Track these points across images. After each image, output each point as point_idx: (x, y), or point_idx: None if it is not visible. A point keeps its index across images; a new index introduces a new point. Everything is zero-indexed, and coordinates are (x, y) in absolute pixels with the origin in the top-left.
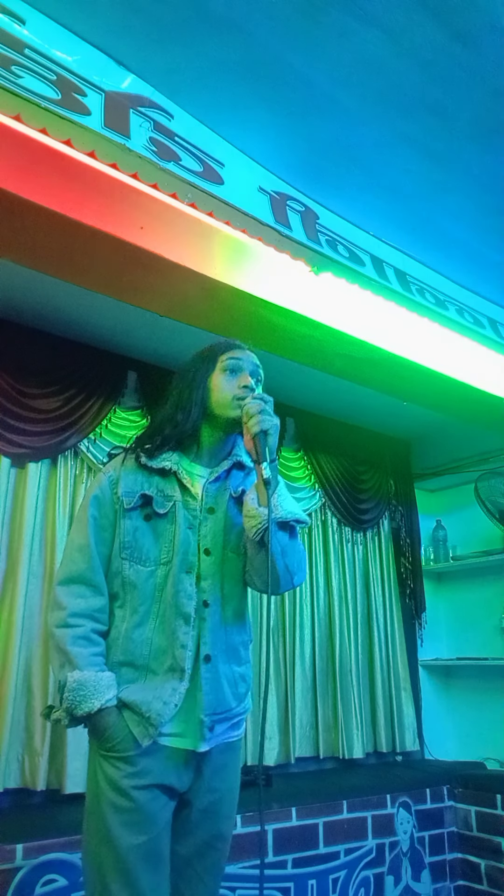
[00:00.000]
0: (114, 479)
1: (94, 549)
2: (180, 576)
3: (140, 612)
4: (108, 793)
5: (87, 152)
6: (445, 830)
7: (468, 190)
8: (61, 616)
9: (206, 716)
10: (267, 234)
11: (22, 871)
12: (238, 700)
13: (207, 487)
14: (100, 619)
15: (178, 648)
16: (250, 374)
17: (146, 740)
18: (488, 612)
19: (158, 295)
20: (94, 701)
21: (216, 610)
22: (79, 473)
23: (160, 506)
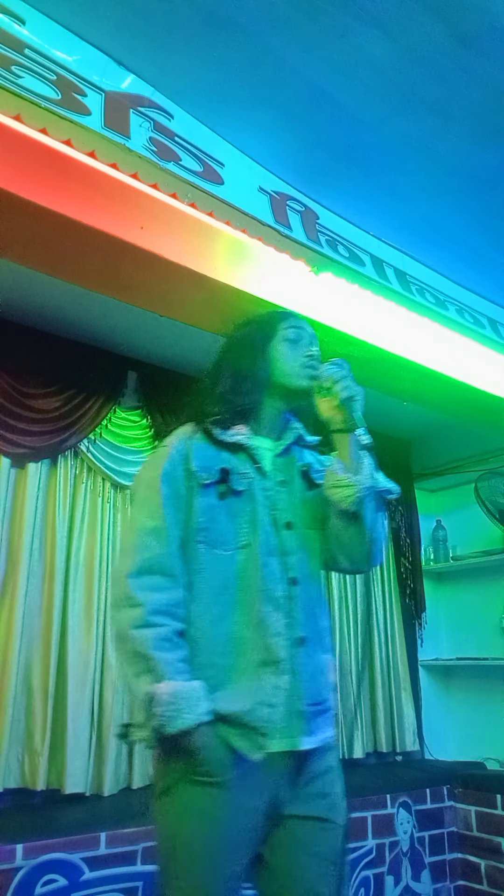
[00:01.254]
0: (183, 453)
1: (172, 532)
2: (265, 559)
3: (221, 602)
4: (197, 828)
5: (87, 152)
6: (445, 830)
7: (468, 190)
8: (139, 615)
9: (307, 706)
10: (267, 234)
11: (22, 871)
12: (330, 691)
13: (275, 461)
14: (180, 616)
15: (270, 637)
16: (310, 342)
17: (257, 753)
18: (488, 612)
19: (158, 295)
20: (189, 716)
21: (305, 588)
22: (79, 473)
23: (237, 482)
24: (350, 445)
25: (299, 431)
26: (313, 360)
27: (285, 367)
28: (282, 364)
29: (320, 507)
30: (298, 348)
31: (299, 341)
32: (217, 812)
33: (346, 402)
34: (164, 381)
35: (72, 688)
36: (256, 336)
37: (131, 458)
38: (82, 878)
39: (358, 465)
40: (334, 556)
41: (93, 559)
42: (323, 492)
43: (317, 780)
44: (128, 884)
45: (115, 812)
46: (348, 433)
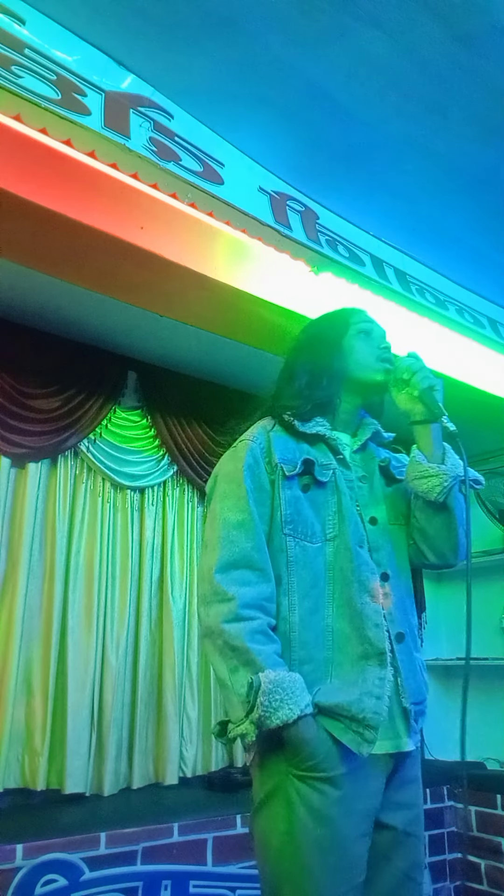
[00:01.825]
0: (264, 447)
1: (258, 525)
2: (356, 549)
3: (312, 595)
4: (309, 825)
5: (87, 152)
6: (445, 830)
7: (468, 190)
8: (231, 609)
9: (410, 704)
10: (267, 234)
11: (22, 871)
12: (426, 690)
13: (353, 457)
14: (270, 611)
15: (370, 629)
16: (381, 336)
17: (366, 748)
18: (488, 612)
19: (159, 295)
20: (293, 706)
21: (396, 583)
22: (79, 473)
23: (320, 473)
24: (433, 435)
25: (376, 427)
26: (387, 353)
27: (360, 361)
28: (357, 358)
29: (402, 503)
30: (372, 342)
31: (372, 334)
32: (330, 810)
33: (427, 392)
34: (164, 381)
35: (72, 688)
36: (330, 331)
37: (131, 458)
38: (82, 878)
39: (443, 455)
40: (421, 550)
41: (93, 559)
42: (404, 486)
43: (405, 788)
44: (128, 884)
45: (115, 812)
46: (431, 423)
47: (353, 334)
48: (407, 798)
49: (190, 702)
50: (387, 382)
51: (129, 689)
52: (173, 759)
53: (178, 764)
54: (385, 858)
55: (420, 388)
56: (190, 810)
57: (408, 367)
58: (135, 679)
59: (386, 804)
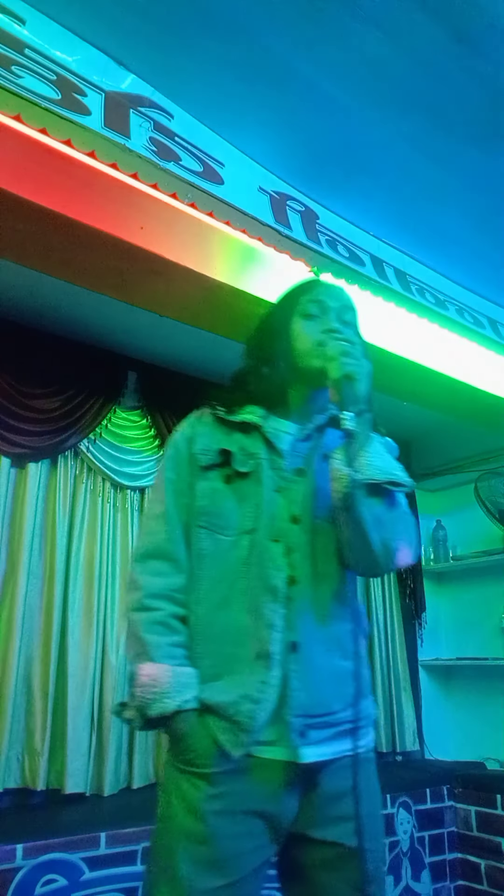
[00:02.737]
0: (188, 437)
1: (174, 517)
2: (266, 544)
3: (221, 590)
4: (182, 818)
5: (87, 152)
6: (445, 830)
7: (468, 190)
8: (137, 598)
9: (294, 717)
10: (267, 234)
11: (22, 871)
12: (343, 703)
13: (297, 446)
14: (180, 601)
15: (263, 629)
16: (337, 314)
17: (238, 750)
18: (488, 612)
19: (158, 295)
20: (168, 701)
21: (306, 589)
22: (79, 473)
23: (242, 464)
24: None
25: (333, 413)
26: (330, 335)
27: (300, 346)
28: (298, 343)
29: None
30: (317, 324)
31: (321, 316)
32: (202, 805)
33: (340, 382)
34: (164, 381)
35: (72, 688)
36: (278, 314)
37: (131, 458)
38: (82, 878)
39: (353, 454)
40: (345, 554)
41: (93, 559)
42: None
43: (337, 801)
44: (128, 884)
45: (115, 812)
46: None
47: (298, 318)
48: (341, 811)
49: None
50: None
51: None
52: None
53: None
54: (330, 876)
55: (333, 378)
56: None
57: (326, 353)
58: None
59: (315, 819)
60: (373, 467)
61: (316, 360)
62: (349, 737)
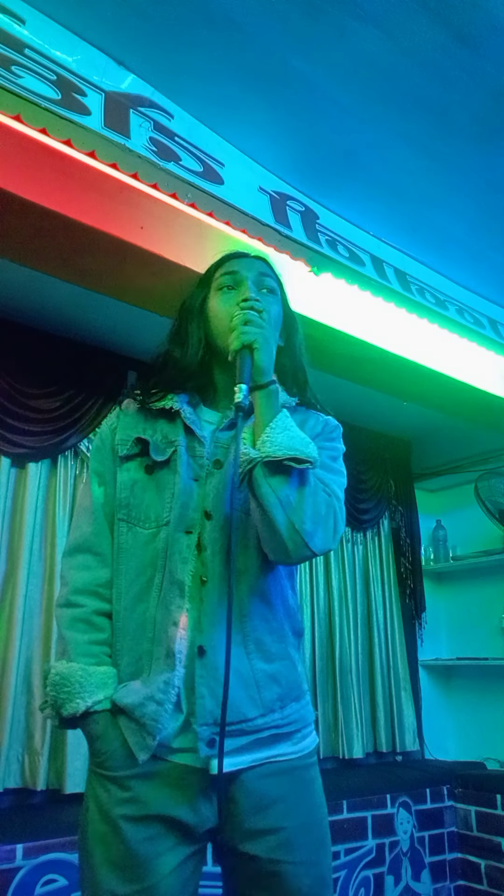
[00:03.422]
0: (113, 427)
1: (99, 510)
2: (176, 535)
3: (139, 584)
4: (96, 822)
5: (87, 152)
6: (445, 830)
7: (468, 190)
8: (63, 594)
9: (199, 726)
10: (267, 234)
11: (22, 871)
12: (262, 708)
13: (217, 436)
14: (104, 596)
15: (169, 626)
16: (253, 284)
17: (143, 753)
18: (488, 612)
19: (158, 295)
20: (79, 701)
21: (215, 588)
22: (79, 473)
23: (158, 452)
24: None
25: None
26: (244, 305)
27: (218, 325)
28: (214, 322)
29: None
30: (232, 298)
31: (236, 288)
32: (113, 810)
33: (240, 353)
34: None
35: None
36: (195, 293)
37: None
38: None
39: (258, 432)
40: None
41: None
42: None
43: (263, 812)
44: None
45: None
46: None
47: (213, 293)
48: (267, 823)
49: None
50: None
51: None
52: None
53: None
54: (267, 888)
55: (232, 349)
56: None
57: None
58: None
59: (240, 832)
60: (272, 443)
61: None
62: (274, 744)
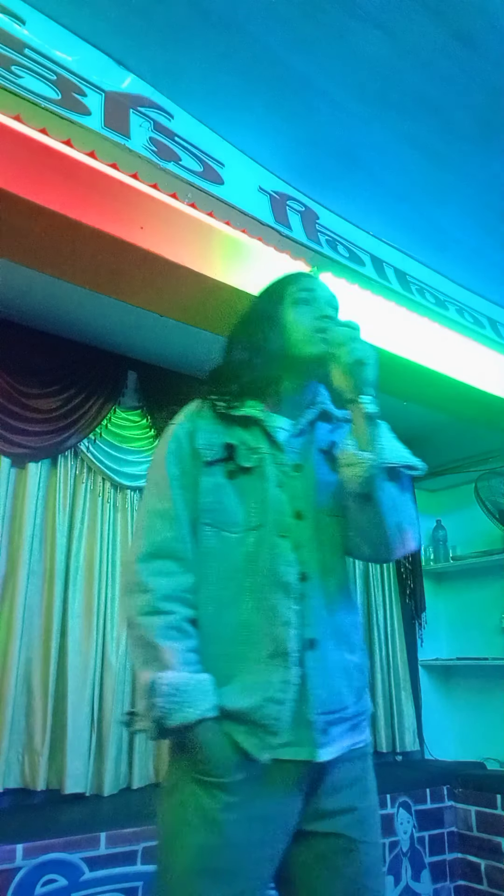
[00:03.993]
0: (189, 431)
1: (182, 514)
2: (275, 540)
3: (230, 588)
4: (197, 827)
5: (87, 152)
6: (445, 830)
7: (468, 190)
8: (147, 601)
9: (317, 715)
10: (267, 234)
11: (22, 871)
12: (356, 696)
13: (291, 442)
14: (191, 602)
15: (279, 627)
16: (326, 302)
17: (265, 754)
18: (488, 612)
19: (158, 295)
20: (190, 710)
21: (317, 584)
22: (79, 473)
23: (245, 459)
24: (362, 417)
25: (324, 406)
26: (326, 322)
27: (296, 335)
28: (292, 331)
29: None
30: (309, 311)
31: (311, 303)
32: (219, 815)
33: (353, 367)
34: (164, 381)
35: (72, 688)
36: (266, 304)
37: (131, 458)
38: (82, 878)
39: (368, 439)
40: (356, 542)
41: (93, 559)
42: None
43: (340, 792)
44: (128, 884)
45: (115, 812)
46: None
47: (289, 305)
48: (345, 803)
49: None
50: (324, 356)
51: (129, 689)
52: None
53: None
54: (331, 869)
55: (345, 363)
56: None
57: (334, 339)
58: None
59: (318, 812)
60: (390, 451)
61: (312, 347)
62: (357, 730)
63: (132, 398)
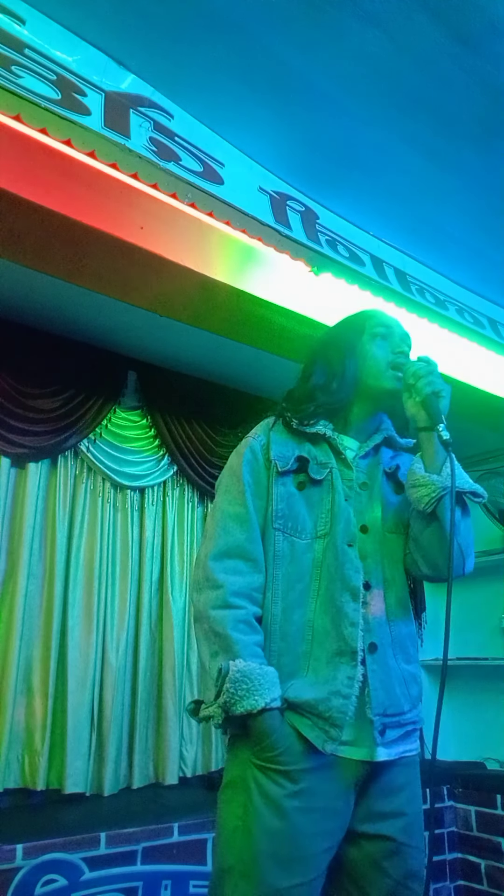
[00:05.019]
0: (264, 444)
1: (253, 518)
2: (343, 547)
3: (297, 589)
4: (263, 815)
5: (87, 152)
6: (445, 830)
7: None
8: (219, 595)
9: (375, 716)
10: (267, 234)
11: (22, 871)
12: (411, 703)
13: (358, 462)
14: (258, 601)
15: (347, 627)
16: (401, 339)
17: (329, 745)
18: (488, 612)
19: (158, 295)
20: (258, 698)
21: (379, 594)
22: (79, 473)
23: (316, 471)
24: (434, 443)
25: (389, 433)
26: (401, 358)
27: (373, 367)
28: (370, 363)
29: (407, 511)
30: (386, 346)
31: (388, 339)
32: (285, 802)
33: (430, 398)
34: (164, 381)
35: (72, 688)
36: (345, 335)
37: (131, 458)
38: (82, 878)
39: (438, 464)
40: (416, 560)
41: (93, 559)
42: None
43: (391, 797)
44: (128, 884)
45: (115, 812)
46: (432, 431)
47: (368, 339)
48: (394, 807)
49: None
50: (397, 390)
51: (129, 689)
52: (173, 759)
53: (178, 764)
54: (378, 869)
55: (423, 394)
56: (190, 810)
57: (415, 372)
58: (135, 679)
59: (369, 814)
60: (460, 478)
61: (386, 380)
62: (410, 737)
63: (132, 398)
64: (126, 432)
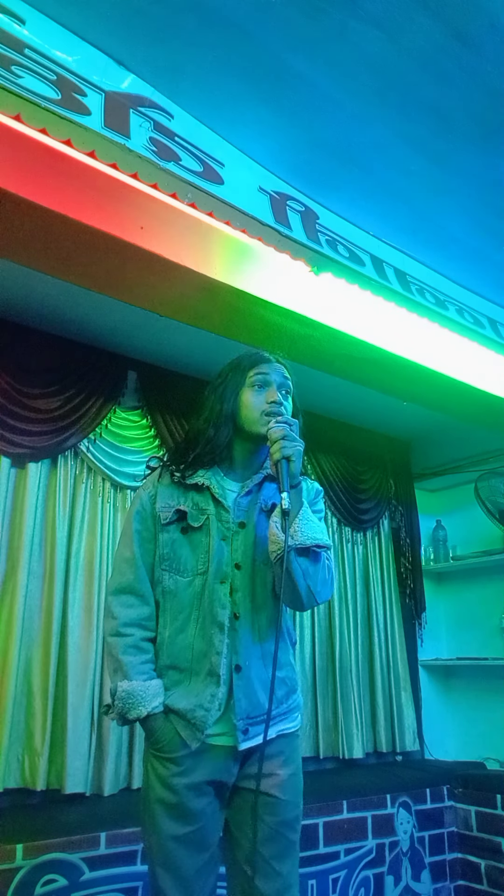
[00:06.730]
0: (152, 495)
1: (140, 561)
2: (214, 586)
3: (180, 619)
4: (157, 789)
5: (87, 152)
6: (445, 830)
7: (468, 190)
8: (114, 625)
9: (238, 720)
10: (267, 234)
11: (22, 871)
12: (277, 703)
13: (239, 502)
14: (148, 627)
15: (213, 655)
16: (278, 387)
17: (195, 743)
18: (488, 612)
19: (158, 295)
20: (142, 708)
21: (246, 622)
22: (79, 473)
23: (195, 519)
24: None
25: (268, 471)
26: (274, 405)
27: (248, 414)
28: (245, 411)
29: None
30: (262, 395)
31: (264, 388)
32: (171, 780)
33: (280, 463)
34: (164, 381)
35: (72, 688)
36: (229, 382)
37: (131, 458)
38: (82, 878)
39: (288, 523)
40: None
41: (93, 559)
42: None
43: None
44: (128, 884)
45: (115, 812)
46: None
47: (247, 386)
48: (267, 769)
49: None
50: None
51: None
52: None
53: None
54: (255, 816)
55: (274, 459)
56: None
57: (270, 435)
58: None
59: (247, 775)
60: (303, 534)
61: (261, 427)
62: (288, 718)
63: (132, 398)
64: (126, 432)
